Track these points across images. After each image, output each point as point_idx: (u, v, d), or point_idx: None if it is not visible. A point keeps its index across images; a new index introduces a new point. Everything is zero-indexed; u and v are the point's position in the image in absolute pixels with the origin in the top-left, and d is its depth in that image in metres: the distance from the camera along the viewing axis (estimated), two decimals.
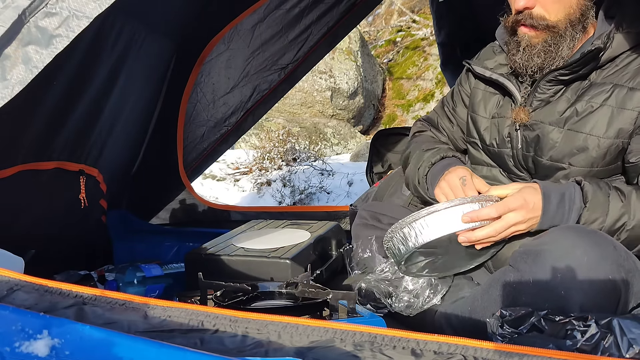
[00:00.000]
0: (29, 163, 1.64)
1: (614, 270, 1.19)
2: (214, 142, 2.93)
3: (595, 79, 1.47)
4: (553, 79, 1.50)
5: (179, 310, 0.93)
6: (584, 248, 1.20)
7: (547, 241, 1.25)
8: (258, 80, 2.82)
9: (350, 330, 0.89)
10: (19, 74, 1.10)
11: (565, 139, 1.48)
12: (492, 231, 1.37)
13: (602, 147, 1.43)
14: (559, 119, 1.49)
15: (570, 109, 1.48)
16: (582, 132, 1.45)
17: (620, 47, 1.44)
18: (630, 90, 1.41)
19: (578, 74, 1.47)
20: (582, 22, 1.46)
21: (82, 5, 1.11)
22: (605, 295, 1.18)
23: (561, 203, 1.36)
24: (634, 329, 0.95)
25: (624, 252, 1.25)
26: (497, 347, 0.85)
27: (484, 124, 1.68)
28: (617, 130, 1.42)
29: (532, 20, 1.47)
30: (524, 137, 1.57)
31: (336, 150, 6.29)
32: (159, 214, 2.82)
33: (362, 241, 1.87)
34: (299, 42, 2.74)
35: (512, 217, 1.36)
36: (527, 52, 1.50)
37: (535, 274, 1.23)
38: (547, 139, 1.51)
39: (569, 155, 1.48)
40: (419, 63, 7.50)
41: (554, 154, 1.50)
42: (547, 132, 1.51)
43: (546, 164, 1.52)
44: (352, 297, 1.33)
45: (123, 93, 2.00)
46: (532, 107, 1.54)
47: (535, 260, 1.24)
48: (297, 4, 2.56)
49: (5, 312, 0.88)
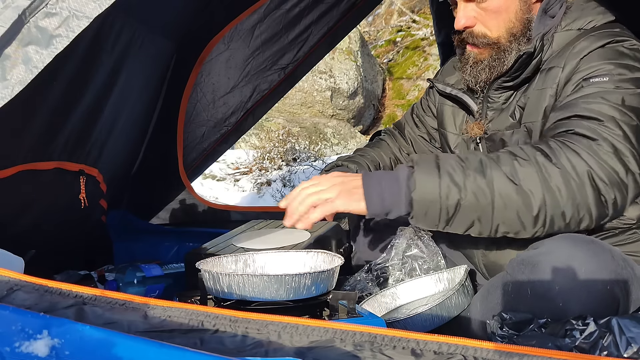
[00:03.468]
0: (29, 163, 1.64)
1: (612, 280, 1.18)
2: (214, 142, 2.93)
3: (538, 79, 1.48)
4: (499, 87, 1.52)
5: (179, 310, 0.93)
6: (581, 258, 1.19)
7: (544, 251, 1.24)
8: (258, 80, 2.82)
9: (350, 330, 0.89)
10: (19, 74, 1.10)
11: (521, 136, 1.49)
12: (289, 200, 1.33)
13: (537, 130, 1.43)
14: (514, 122, 1.50)
15: (517, 108, 1.49)
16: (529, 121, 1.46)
17: (561, 45, 1.44)
18: (548, 70, 1.42)
19: (521, 78, 1.48)
20: (525, 34, 1.47)
21: (82, 6, 1.11)
22: (604, 305, 1.17)
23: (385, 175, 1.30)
24: (632, 328, 0.95)
25: (622, 260, 1.24)
26: (497, 347, 0.85)
27: (454, 140, 1.70)
28: (543, 110, 1.42)
29: (474, 39, 1.50)
30: (488, 149, 1.58)
31: (336, 150, 6.29)
32: (159, 214, 2.82)
33: (361, 243, 1.88)
34: (299, 42, 2.74)
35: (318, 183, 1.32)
36: (474, 68, 1.53)
37: (533, 285, 1.22)
38: (509, 143, 1.52)
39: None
40: (419, 63, 7.50)
41: None
42: (508, 137, 1.52)
43: None
44: (352, 297, 1.33)
45: (123, 93, 2.00)
46: (487, 118, 1.57)
47: (532, 271, 1.23)
48: (297, 4, 2.56)
49: (5, 312, 0.88)
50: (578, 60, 1.37)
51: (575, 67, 1.37)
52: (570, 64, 1.38)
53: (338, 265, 1.36)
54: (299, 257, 1.51)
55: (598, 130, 1.24)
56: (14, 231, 1.68)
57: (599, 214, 1.23)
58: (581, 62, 1.37)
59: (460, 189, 1.22)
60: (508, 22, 1.47)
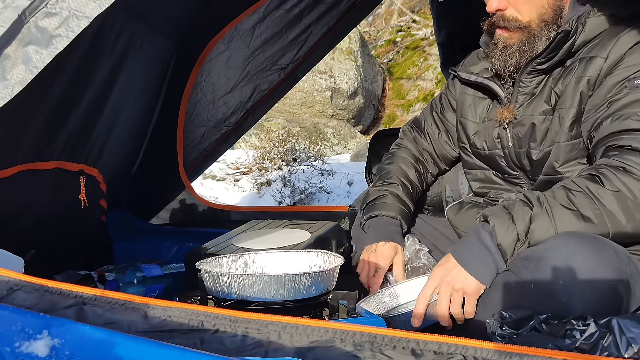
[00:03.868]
0: (29, 163, 1.64)
1: (615, 276, 1.18)
2: (214, 142, 2.93)
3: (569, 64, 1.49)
4: (532, 70, 1.52)
5: (179, 310, 0.93)
6: (585, 254, 1.19)
7: (548, 247, 1.24)
8: (258, 80, 2.82)
9: (350, 331, 0.89)
10: (19, 74, 1.10)
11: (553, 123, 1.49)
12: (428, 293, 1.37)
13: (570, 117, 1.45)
14: (548, 109, 1.51)
15: (553, 95, 1.50)
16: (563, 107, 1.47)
17: (594, 31, 1.45)
18: (590, 58, 1.43)
19: (554, 60, 1.48)
20: (556, 21, 1.49)
21: (82, 6, 1.11)
22: (607, 301, 1.17)
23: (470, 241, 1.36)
24: (633, 329, 0.95)
25: (626, 257, 1.24)
26: (497, 347, 0.85)
27: (473, 128, 1.69)
28: (579, 96, 1.44)
29: (505, 22, 1.51)
30: (515, 134, 1.57)
31: (336, 150, 6.30)
32: (159, 214, 2.82)
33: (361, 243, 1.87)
34: (299, 42, 2.74)
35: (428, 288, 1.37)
36: (503, 52, 1.54)
37: (536, 281, 1.22)
38: (539, 129, 1.52)
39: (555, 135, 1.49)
40: (419, 63, 7.50)
41: (546, 142, 1.51)
42: (540, 122, 1.52)
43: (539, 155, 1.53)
44: (352, 297, 1.33)
45: (123, 93, 2.00)
46: (518, 103, 1.56)
47: (536, 266, 1.23)
48: (297, 4, 2.56)
49: (5, 312, 0.88)
50: (622, 53, 1.38)
51: (619, 60, 1.38)
52: (613, 55, 1.39)
53: (338, 265, 1.36)
54: (299, 257, 1.51)
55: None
56: (14, 231, 1.68)
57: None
58: (626, 55, 1.38)
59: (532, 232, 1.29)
60: (540, 7, 1.48)
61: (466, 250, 1.35)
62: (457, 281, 1.34)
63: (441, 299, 1.35)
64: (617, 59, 1.38)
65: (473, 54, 1.79)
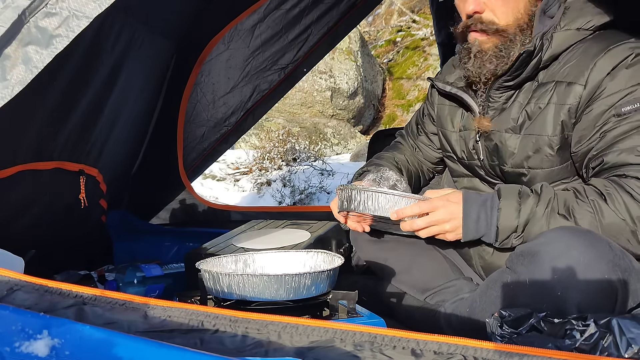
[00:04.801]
0: (28, 163, 1.64)
1: (610, 269, 1.19)
2: (214, 142, 2.93)
3: (542, 79, 1.48)
4: (500, 86, 1.51)
5: (179, 310, 0.93)
6: (580, 248, 1.20)
7: (543, 242, 1.26)
8: (258, 80, 2.82)
9: (350, 331, 0.89)
10: (19, 74, 1.10)
11: (522, 144, 1.49)
12: (415, 226, 1.44)
13: (554, 145, 1.45)
14: (515, 126, 1.50)
15: (522, 113, 1.49)
16: (534, 134, 1.47)
17: (561, 46, 1.45)
18: (568, 84, 1.42)
19: (521, 78, 1.48)
20: (530, 27, 1.46)
21: (82, 6, 1.11)
22: (602, 294, 1.18)
23: (483, 207, 1.40)
24: (632, 329, 0.95)
25: (620, 251, 1.25)
26: (497, 347, 0.85)
27: (453, 137, 1.70)
28: (560, 126, 1.43)
29: (482, 25, 1.47)
30: (486, 148, 1.58)
31: (336, 150, 6.30)
32: (159, 214, 2.82)
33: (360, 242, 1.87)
34: (299, 42, 2.74)
35: (435, 214, 1.42)
36: (478, 58, 1.50)
37: (532, 275, 1.24)
38: (505, 146, 1.52)
39: (526, 158, 1.49)
40: (419, 63, 7.50)
41: (513, 161, 1.52)
42: (505, 140, 1.52)
43: (509, 171, 1.54)
44: (352, 297, 1.33)
45: (123, 93, 2.00)
46: (489, 115, 1.56)
47: (531, 261, 1.25)
48: (297, 4, 2.56)
49: (5, 312, 0.88)
50: (601, 79, 1.38)
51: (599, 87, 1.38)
52: (592, 82, 1.39)
53: (338, 265, 1.36)
54: (299, 257, 1.51)
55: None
56: (14, 231, 1.68)
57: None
58: (604, 82, 1.38)
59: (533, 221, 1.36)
60: (516, 12, 1.46)
61: (472, 210, 1.40)
62: (450, 227, 1.42)
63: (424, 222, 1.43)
64: (596, 85, 1.38)
65: (449, 63, 1.78)
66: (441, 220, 1.42)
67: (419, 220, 1.44)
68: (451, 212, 1.42)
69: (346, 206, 1.51)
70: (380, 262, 1.78)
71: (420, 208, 1.42)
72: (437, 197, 1.45)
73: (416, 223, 1.44)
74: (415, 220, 1.44)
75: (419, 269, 1.69)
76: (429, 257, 1.71)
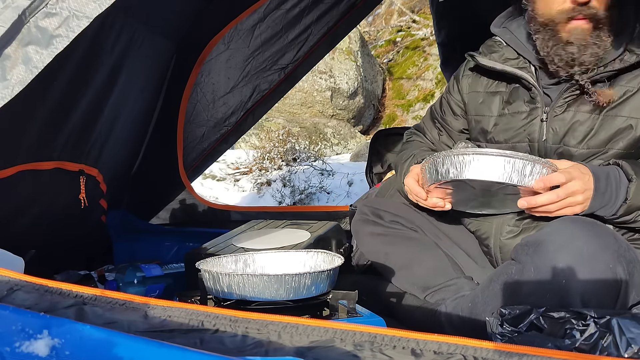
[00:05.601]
0: (28, 163, 1.64)
1: (614, 260, 1.20)
2: (214, 142, 2.93)
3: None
4: (598, 79, 1.48)
5: (179, 310, 0.93)
6: (584, 238, 1.21)
7: (548, 232, 1.27)
8: (258, 80, 2.82)
9: (350, 330, 0.89)
10: (19, 74, 1.10)
11: (604, 124, 1.47)
12: (555, 197, 1.35)
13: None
14: (594, 107, 1.47)
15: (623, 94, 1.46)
16: (621, 116, 1.45)
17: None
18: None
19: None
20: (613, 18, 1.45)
21: (82, 6, 1.11)
22: (606, 284, 1.19)
23: (608, 180, 1.38)
24: (632, 329, 0.95)
25: (625, 243, 1.26)
26: (497, 346, 0.85)
27: (491, 123, 1.66)
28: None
29: (590, 11, 1.43)
30: (553, 129, 1.54)
31: (336, 150, 6.29)
32: (159, 214, 2.82)
33: (361, 235, 1.87)
34: (299, 42, 2.74)
35: (573, 185, 1.35)
36: (581, 45, 1.45)
37: (536, 264, 1.24)
38: (583, 127, 1.49)
39: (609, 139, 1.47)
40: (419, 63, 7.49)
41: (591, 142, 1.49)
42: (584, 120, 1.49)
43: (582, 152, 1.50)
44: (352, 297, 1.33)
45: (123, 93, 2.00)
46: (564, 100, 1.52)
47: (536, 250, 1.25)
48: (297, 4, 2.56)
49: (6, 312, 0.88)
50: None
51: None
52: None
53: (338, 265, 1.36)
54: (299, 257, 1.51)
55: None
56: (14, 231, 1.68)
57: None
58: None
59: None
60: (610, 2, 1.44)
61: (601, 183, 1.37)
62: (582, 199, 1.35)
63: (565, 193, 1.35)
64: None
65: (489, 43, 1.72)
66: (577, 191, 1.36)
67: (560, 191, 1.35)
68: (586, 183, 1.36)
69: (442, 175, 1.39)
70: (381, 257, 1.78)
71: (565, 177, 1.35)
72: (569, 167, 1.40)
73: (557, 194, 1.35)
74: (556, 191, 1.35)
75: (419, 266, 1.69)
76: (431, 254, 1.71)
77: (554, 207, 1.37)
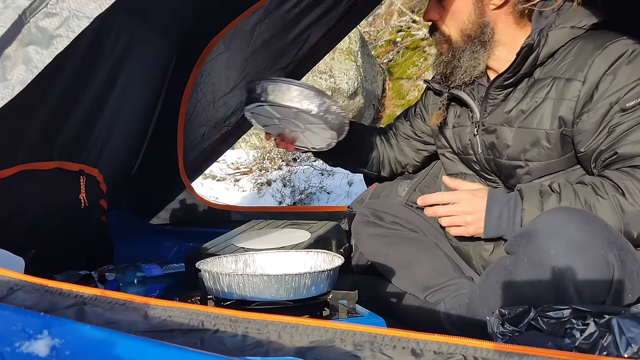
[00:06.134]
0: (29, 163, 1.64)
1: (605, 246, 1.21)
2: (214, 142, 2.93)
3: (538, 75, 1.53)
4: (500, 85, 1.56)
5: (179, 310, 0.93)
6: (575, 226, 1.22)
7: (540, 222, 1.28)
8: None
9: (350, 330, 0.89)
10: (19, 74, 1.10)
11: (517, 136, 1.54)
12: (438, 212, 1.52)
13: (552, 139, 1.49)
14: (508, 118, 1.56)
15: (516, 108, 1.54)
16: (530, 128, 1.52)
17: (557, 43, 1.49)
18: (567, 80, 1.46)
19: (520, 74, 1.53)
20: (479, 36, 1.56)
21: (82, 6, 1.11)
22: (598, 271, 1.19)
23: (508, 204, 1.44)
24: (632, 328, 0.95)
25: (615, 231, 1.28)
26: (497, 347, 0.85)
27: (448, 134, 1.77)
28: (559, 121, 1.47)
29: (436, 33, 1.64)
30: (483, 142, 1.64)
31: None
32: (159, 214, 2.82)
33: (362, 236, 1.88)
34: (299, 43, 2.74)
35: (459, 206, 1.49)
36: (436, 60, 1.67)
37: (528, 254, 1.26)
38: (501, 139, 1.58)
39: (523, 151, 1.54)
40: (419, 63, 7.49)
41: (510, 153, 1.57)
42: (501, 133, 1.58)
43: (505, 163, 1.59)
44: (352, 297, 1.33)
45: (123, 93, 2.00)
46: (487, 112, 1.61)
47: (528, 240, 1.27)
48: (297, 4, 2.56)
49: (6, 312, 0.88)
50: (600, 75, 1.41)
51: (599, 83, 1.41)
52: (592, 78, 1.42)
53: (338, 265, 1.36)
54: (299, 257, 1.51)
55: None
56: (15, 231, 1.68)
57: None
58: (605, 78, 1.41)
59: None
60: (461, 23, 1.57)
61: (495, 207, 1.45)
62: (471, 220, 1.48)
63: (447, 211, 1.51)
64: (595, 82, 1.42)
65: None
66: (464, 212, 1.48)
67: (442, 208, 1.50)
68: (475, 206, 1.47)
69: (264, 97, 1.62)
70: (381, 257, 1.79)
71: (443, 197, 1.50)
72: (463, 190, 1.52)
73: (439, 210, 1.50)
74: (438, 207, 1.51)
75: (420, 266, 1.70)
76: (431, 254, 1.72)
77: (444, 221, 1.52)
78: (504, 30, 1.56)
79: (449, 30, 1.60)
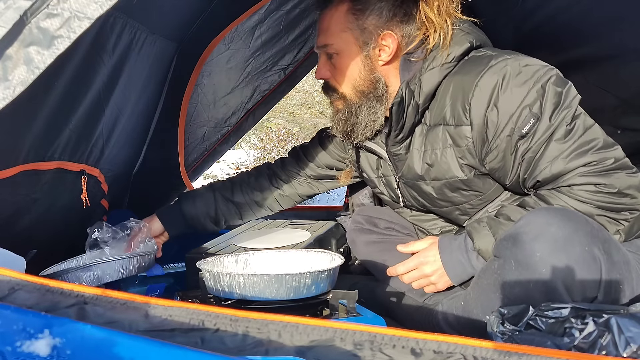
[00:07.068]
0: (30, 163, 1.64)
1: (589, 240, 1.22)
2: (215, 143, 2.93)
3: (430, 121, 1.54)
4: (394, 142, 1.60)
5: (179, 310, 0.93)
6: (557, 224, 1.23)
7: (523, 224, 1.28)
8: (258, 80, 2.82)
9: (350, 330, 0.89)
10: (20, 74, 1.10)
11: (436, 188, 1.59)
12: (405, 269, 1.59)
13: (469, 183, 1.53)
14: (419, 175, 1.59)
15: (421, 162, 1.57)
16: (445, 179, 1.55)
17: (432, 85, 1.49)
18: (456, 127, 1.48)
19: (407, 126, 1.55)
20: (373, 91, 1.56)
21: (83, 7, 1.11)
22: (585, 266, 1.20)
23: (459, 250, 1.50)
24: (631, 327, 0.95)
25: (597, 224, 1.29)
26: (497, 346, 0.85)
27: (376, 182, 1.79)
28: (466, 166, 1.51)
29: (329, 90, 1.63)
30: (409, 194, 1.69)
31: None
32: None
33: (358, 244, 1.88)
34: (300, 43, 2.75)
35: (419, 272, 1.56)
36: (333, 118, 1.66)
37: (515, 257, 1.26)
38: (423, 192, 1.63)
39: (451, 198, 1.58)
40: None
41: (438, 201, 1.62)
42: (421, 187, 1.62)
43: (441, 210, 1.65)
44: (352, 296, 1.34)
45: (124, 93, 2.00)
46: (398, 168, 1.65)
47: (514, 243, 1.27)
48: (297, 5, 2.57)
49: (7, 312, 0.88)
50: (483, 114, 1.42)
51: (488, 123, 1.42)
52: (477, 119, 1.44)
53: (338, 265, 1.36)
54: (299, 257, 1.52)
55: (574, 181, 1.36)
56: (15, 231, 1.68)
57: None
58: (489, 115, 1.42)
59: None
60: (353, 80, 1.56)
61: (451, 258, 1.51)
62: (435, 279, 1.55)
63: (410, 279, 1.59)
64: (483, 122, 1.43)
65: None
66: (426, 274, 1.56)
67: (407, 277, 1.59)
68: (433, 265, 1.54)
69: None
70: (379, 264, 1.79)
71: (406, 266, 1.59)
72: (419, 251, 1.57)
73: (405, 279, 1.60)
74: (403, 277, 1.60)
75: None
76: None
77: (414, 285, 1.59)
78: (396, 83, 1.56)
79: (341, 88, 1.60)
